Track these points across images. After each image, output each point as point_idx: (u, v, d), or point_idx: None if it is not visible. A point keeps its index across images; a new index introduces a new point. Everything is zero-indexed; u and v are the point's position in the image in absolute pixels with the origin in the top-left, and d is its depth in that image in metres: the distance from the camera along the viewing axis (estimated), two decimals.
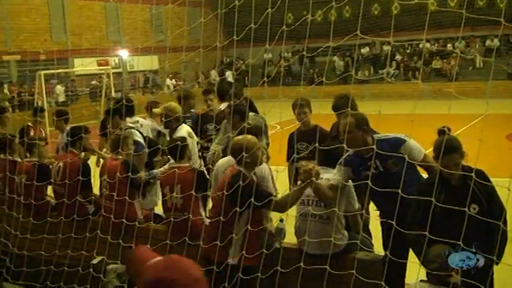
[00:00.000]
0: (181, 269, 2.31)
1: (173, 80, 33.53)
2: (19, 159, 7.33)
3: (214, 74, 34.35)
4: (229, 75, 32.34)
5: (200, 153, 7.69)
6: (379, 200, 5.00)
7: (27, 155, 7.35)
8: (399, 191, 4.18)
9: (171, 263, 2.39)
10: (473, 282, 3.82)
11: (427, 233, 3.95)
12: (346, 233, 5.07)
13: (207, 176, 6.21)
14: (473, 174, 4.06)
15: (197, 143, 7.42)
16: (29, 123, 9.36)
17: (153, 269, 2.40)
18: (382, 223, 5.14)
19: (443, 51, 30.88)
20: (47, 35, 28.77)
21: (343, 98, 6.13)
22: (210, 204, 6.31)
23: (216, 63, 35.34)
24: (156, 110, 7.72)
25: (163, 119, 7.22)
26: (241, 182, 4.73)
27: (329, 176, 5.05)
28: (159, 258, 2.48)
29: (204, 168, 7.17)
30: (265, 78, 5.56)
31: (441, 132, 4.51)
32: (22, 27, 27.43)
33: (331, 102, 6.31)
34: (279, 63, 31.36)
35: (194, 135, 7.27)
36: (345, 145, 4.75)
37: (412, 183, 4.62)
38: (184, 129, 7.20)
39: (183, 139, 6.23)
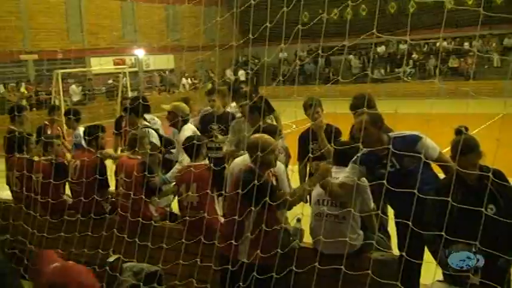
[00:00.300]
0: (74, 275, 2.44)
1: (188, 79, 33.62)
2: (36, 158, 7.38)
3: (229, 73, 34.35)
4: (242, 75, 32.38)
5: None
6: (394, 198, 4.96)
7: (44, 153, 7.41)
8: (415, 191, 4.15)
9: (67, 270, 2.51)
10: (490, 283, 3.79)
11: (443, 233, 3.93)
12: (361, 233, 5.05)
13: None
14: (490, 174, 4.02)
15: None
16: (46, 122, 9.45)
17: (50, 273, 2.52)
18: (397, 223, 5.11)
19: (460, 50, 30.60)
20: (64, 34, 28.96)
21: (361, 97, 6.11)
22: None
23: (231, 62, 35.38)
24: (165, 107, 7.73)
25: (180, 118, 7.22)
26: (256, 182, 4.72)
27: (344, 175, 5.04)
28: (57, 264, 2.59)
29: None
30: (280, 78, 5.55)
31: (458, 131, 4.48)
32: (39, 26, 27.65)
33: (347, 101, 6.29)
34: (294, 62, 31.31)
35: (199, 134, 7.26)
36: (360, 144, 4.73)
37: (428, 181, 4.59)
38: (190, 129, 7.24)
39: (199, 138, 6.24)
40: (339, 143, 5.39)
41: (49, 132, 8.75)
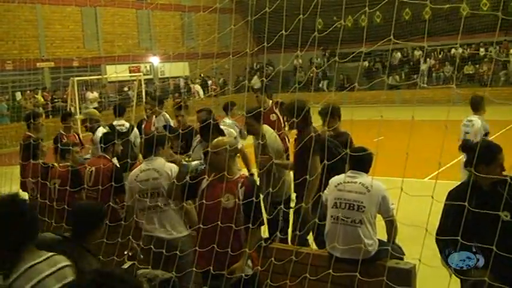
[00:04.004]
0: None
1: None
2: (51, 164, 7.42)
3: (255, 79, 33.76)
4: (257, 82, 32.32)
5: None
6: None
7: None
8: None
9: None
10: None
11: (459, 238, 3.89)
12: (377, 239, 5.02)
13: None
14: (508, 179, 3.98)
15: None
16: (61, 131, 9.43)
17: None
18: None
19: (476, 57, 30.35)
20: (80, 42, 29.21)
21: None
22: None
23: (245, 69, 35.41)
24: (79, 117, 9.01)
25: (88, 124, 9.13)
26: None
27: (362, 180, 5.03)
28: None
29: None
30: (296, 85, 5.54)
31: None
32: (56, 34, 27.92)
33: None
34: (311, 69, 31.29)
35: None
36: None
37: None
38: (101, 130, 8.53)
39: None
40: (354, 149, 5.37)
41: (65, 140, 8.74)
